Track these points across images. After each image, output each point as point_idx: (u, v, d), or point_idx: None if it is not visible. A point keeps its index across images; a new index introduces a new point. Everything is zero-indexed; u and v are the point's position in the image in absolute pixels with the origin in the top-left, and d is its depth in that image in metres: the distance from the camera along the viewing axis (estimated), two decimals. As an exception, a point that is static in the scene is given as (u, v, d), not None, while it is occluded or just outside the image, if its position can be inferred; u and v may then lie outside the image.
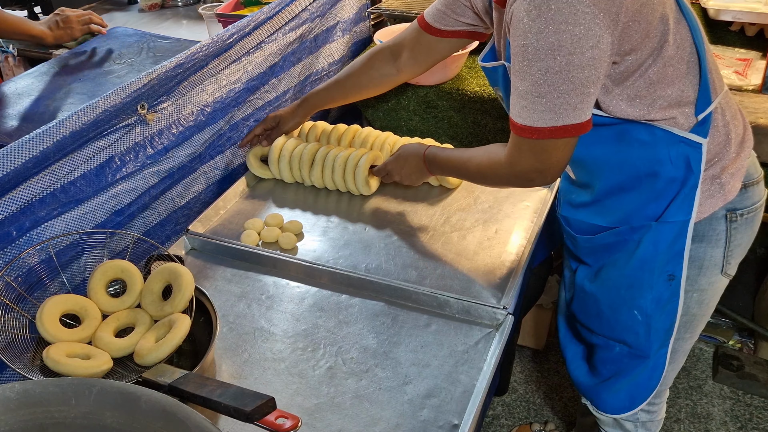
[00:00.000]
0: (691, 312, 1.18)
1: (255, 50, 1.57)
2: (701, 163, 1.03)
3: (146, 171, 1.29)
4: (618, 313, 1.18)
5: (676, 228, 1.07)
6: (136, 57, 1.96)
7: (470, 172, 1.21)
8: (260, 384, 1.04)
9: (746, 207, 1.11)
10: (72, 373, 0.92)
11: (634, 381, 1.23)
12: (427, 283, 1.22)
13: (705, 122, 1.03)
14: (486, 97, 1.73)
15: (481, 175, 1.19)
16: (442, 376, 1.05)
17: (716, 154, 1.07)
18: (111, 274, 1.09)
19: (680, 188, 1.05)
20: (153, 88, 1.26)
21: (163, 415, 0.69)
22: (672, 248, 1.09)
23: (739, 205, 1.10)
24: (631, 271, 1.13)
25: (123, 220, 1.26)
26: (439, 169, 1.31)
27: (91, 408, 0.72)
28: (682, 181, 1.04)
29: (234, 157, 1.58)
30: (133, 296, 1.08)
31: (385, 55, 1.39)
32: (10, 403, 0.71)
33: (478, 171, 1.18)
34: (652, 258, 1.10)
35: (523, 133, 0.98)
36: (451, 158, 1.27)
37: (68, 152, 1.12)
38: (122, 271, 1.09)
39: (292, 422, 0.83)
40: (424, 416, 0.98)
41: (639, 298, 1.14)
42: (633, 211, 1.10)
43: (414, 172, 1.36)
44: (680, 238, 1.08)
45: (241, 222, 1.41)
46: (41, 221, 1.09)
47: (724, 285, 1.18)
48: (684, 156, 1.03)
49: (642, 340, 1.17)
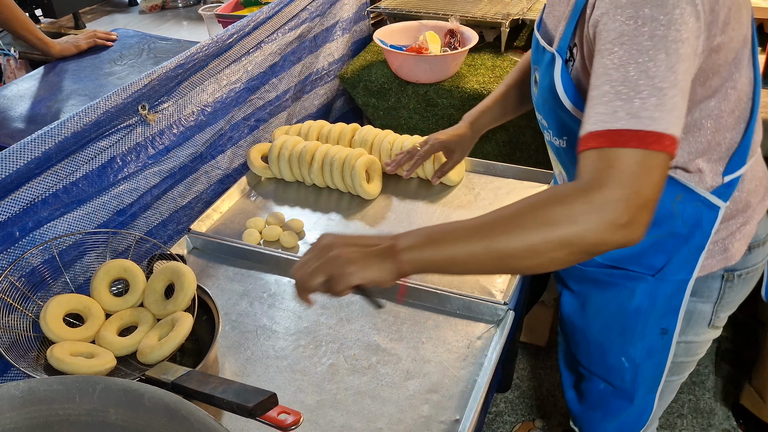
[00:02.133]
0: (679, 359, 1.11)
1: (255, 50, 1.57)
2: (713, 226, 0.94)
3: (148, 171, 1.30)
4: (606, 356, 1.13)
5: (674, 285, 1.00)
6: (136, 58, 1.97)
7: (495, 228, 0.74)
8: (263, 381, 1.05)
9: (746, 268, 1.03)
10: (76, 372, 0.93)
11: (622, 420, 1.19)
12: (428, 280, 1.23)
13: (731, 185, 0.93)
14: (486, 95, 1.73)
15: (520, 224, 0.73)
16: (444, 372, 1.05)
17: (730, 218, 0.97)
18: (114, 274, 1.10)
19: (684, 246, 0.96)
20: (154, 88, 1.27)
21: (167, 412, 0.69)
22: (668, 303, 1.02)
23: (739, 267, 1.02)
24: (623, 319, 1.06)
25: (125, 220, 1.27)
26: (422, 233, 0.78)
27: (96, 405, 0.72)
28: (688, 239, 0.95)
29: (235, 157, 1.58)
30: (135, 295, 1.09)
31: None
32: (15, 401, 0.72)
33: (514, 220, 0.74)
34: (647, 311, 1.03)
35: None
36: (452, 225, 0.78)
37: (70, 153, 1.12)
38: (125, 270, 1.10)
39: (294, 418, 0.84)
40: (425, 412, 0.99)
41: (629, 345, 1.08)
42: (631, 255, 1.01)
43: (369, 257, 0.78)
44: (678, 295, 1.01)
45: (243, 221, 1.42)
46: (44, 222, 1.10)
47: (713, 336, 1.11)
48: (697, 216, 0.94)
49: (628, 386, 1.12)
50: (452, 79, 1.80)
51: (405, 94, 1.83)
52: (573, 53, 0.87)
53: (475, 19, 1.90)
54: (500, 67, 1.84)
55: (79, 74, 1.88)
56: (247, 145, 1.61)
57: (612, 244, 0.71)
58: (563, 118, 0.92)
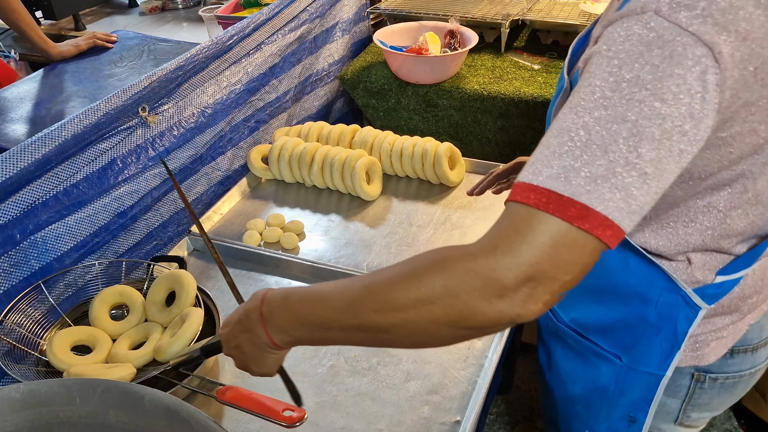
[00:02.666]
0: None
1: (255, 51, 1.57)
2: (690, 326, 0.82)
3: (148, 173, 1.30)
4: (570, 422, 1.06)
5: (645, 378, 0.90)
6: (137, 60, 1.97)
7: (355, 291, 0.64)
8: (263, 383, 1.04)
9: (726, 373, 0.89)
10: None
11: None
12: (429, 281, 1.23)
13: (722, 287, 0.80)
14: (486, 96, 1.73)
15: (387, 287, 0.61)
16: (444, 373, 1.05)
17: (712, 316, 0.85)
18: (110, 301, 1.10)
19: (655, 336, 0.85)
20: (154, 90, 1.27)
21: (167, 414, 0.69)
22: (639, 394, 0.92)
23: (715, 370, 0.89)
24: (588, 395, 0.98)
25: (126, 222, 1.27)
26: (288, 312, 0.69)
27: (96, 407, 0.72)
28: (660, 330, 0.84)
29: (235, 158, 1.58)
30: (137, 314, 1.09)
31: None
32: (15, 403, 0.72)
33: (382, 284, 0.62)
34: (615, 396, 0.94)
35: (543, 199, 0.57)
36: (313, 291, 0.68)
37: (70, 155, 1.13)
38: (120, 295, 1.10)
39: (299, 414, 0.84)
40: (426, 413, 0.99)
41: (593, 422, 1.01)
42: (596, 326, 0.92)
43: (254, 345, 0.74)
44: (651, 389, 0.91)
45: (243, 222, 1.42)
46: (44, 224, 1.10)
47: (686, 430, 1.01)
48: (673, 309, 0.82)
49: None
50: (452, 79, 1.80)
51: (405, 95, 1.83)
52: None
53: (475, 20, 1.90)
54: (500, 68, 1.84)
55: (79, 76, 1.88)
56: (247, 146, 1.62)
57: (493, 317, 0.56)
58: None
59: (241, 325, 0.75)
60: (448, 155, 1.49)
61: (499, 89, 1.72)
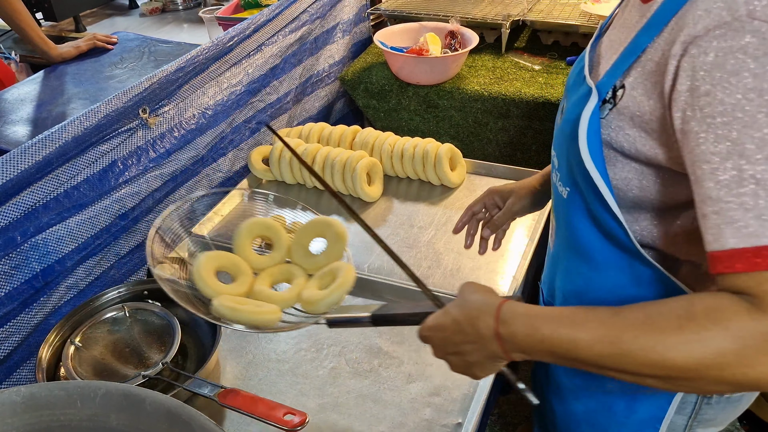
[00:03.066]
0: None
1: (255, 53, 1.57)
2: None
3: (149, 174, 1.30)
4: None
5: (656, 396, 0.88)
6: (137, 61, 1.97)
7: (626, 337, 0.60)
8: (264, 385, 1.05)
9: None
10: (249, 321, 0.86)
11: None
12: (430, 283, 1.22)
13: None
14: (486, 96, 1.73)
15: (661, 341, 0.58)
16: (446, 375, 1.05)
17: None
18: (256, 232, 1.01)
19: None
20: (154, 92, 1.27)
21: (168, 417, 0.69)
22: (649, 413, 0.90)
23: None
24: (595, 415, 0.95)
25: (127, 224, 1.27)
26: (537, 341, 0.66)
27: (97, 410, 0.72)
28: None
29: (236, 160, 1.58)
30: (281, 252, 1.00)
31: None
32: (16, 406, 0.72)
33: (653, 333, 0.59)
34: (623, 416, 0.91)
35: None
36: (562, 322, 0.65)
37: (71, 157, 1.12)
38: (267, 228, 1.02)
39: (300, 418, 0.84)
40: (427, 415, 0.98)
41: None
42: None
43: (475, 352, 0.72)
44: (662, 407, 0.88)
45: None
46: (45, 226, 1.10)
47: None
48: None
49: None
50: (453, 80, 1.80)
51: (405, 95, 1.83)
52: (616, 96, 0.70)
53: (475, 21, 1.90)
54: (501, 69, 1.84)
55: (79, 78, 1.88)
56: (248, 147, 1.61)
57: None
58: (573, 165, 0.77)
59: (464, 335, 0.71)
60: (449, 156, 1.49)
61: (499, 90, 1.72)
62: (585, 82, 0.76)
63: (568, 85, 0.84)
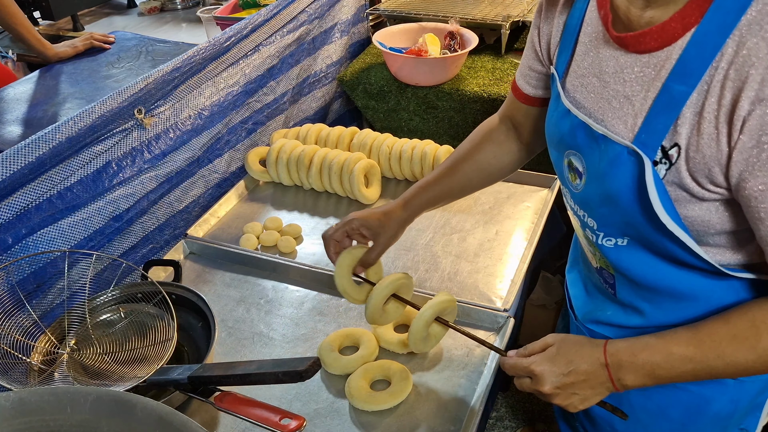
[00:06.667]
0: None
1: (253, 53, 1.56)
2: None
3: (144, 176, 1.28)
4: None
5: (758, 385, 0.88)
6: (134, 61, 1.96)
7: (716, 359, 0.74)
8: (260, 388, 1.03)
9: None
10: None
11: None
12: (428, 286, 1.21)
13: None
14: (486, 97, 1.72)
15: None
16: (443, 379, 1.04)
17: None
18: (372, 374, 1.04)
19: None
20: (150, 92, 1.25)
21: (159, 423, 0.68)
22: (753, 402, 0.90)
23: None
24: (696, 425, 0.92)
25: (121, 225, 1.25)
26: (643, 377, 0.78)
27: (87, 416, 0.71)
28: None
29: (232, 161, 1.57)
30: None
31: (502, 131, 1.08)
32: (5, 411, 0.70)
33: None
34: (728, 416, 0.90)
35: None
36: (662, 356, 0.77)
37: (64, 158, 1.11)
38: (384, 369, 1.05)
39: (297, 422, 0.83)
40: (427, 418, 0.97)
41: None
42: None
43: (590, 387, 0.82)
44: (763, 393, 0.89)
45: (240, 226, 1.40)
46: (37, 228, 1.09)
47: None
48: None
49: None
50: (452, 81, 1.79)
51: (404, 96, 1.82)
52: (669, 155, 0.70)
53: (475, 21, 1.88)
54: (500, 70, 1.83)
55: (76, 77, 1.87)
56: (244, 148, 1.60)
57: None
58: (637, 223, 0.76)
59: (587, 383, 0.81)
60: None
61: (499, 91, 1.71)
62: (610, 142, 0.74)
63: (570, 143, 0.82)
